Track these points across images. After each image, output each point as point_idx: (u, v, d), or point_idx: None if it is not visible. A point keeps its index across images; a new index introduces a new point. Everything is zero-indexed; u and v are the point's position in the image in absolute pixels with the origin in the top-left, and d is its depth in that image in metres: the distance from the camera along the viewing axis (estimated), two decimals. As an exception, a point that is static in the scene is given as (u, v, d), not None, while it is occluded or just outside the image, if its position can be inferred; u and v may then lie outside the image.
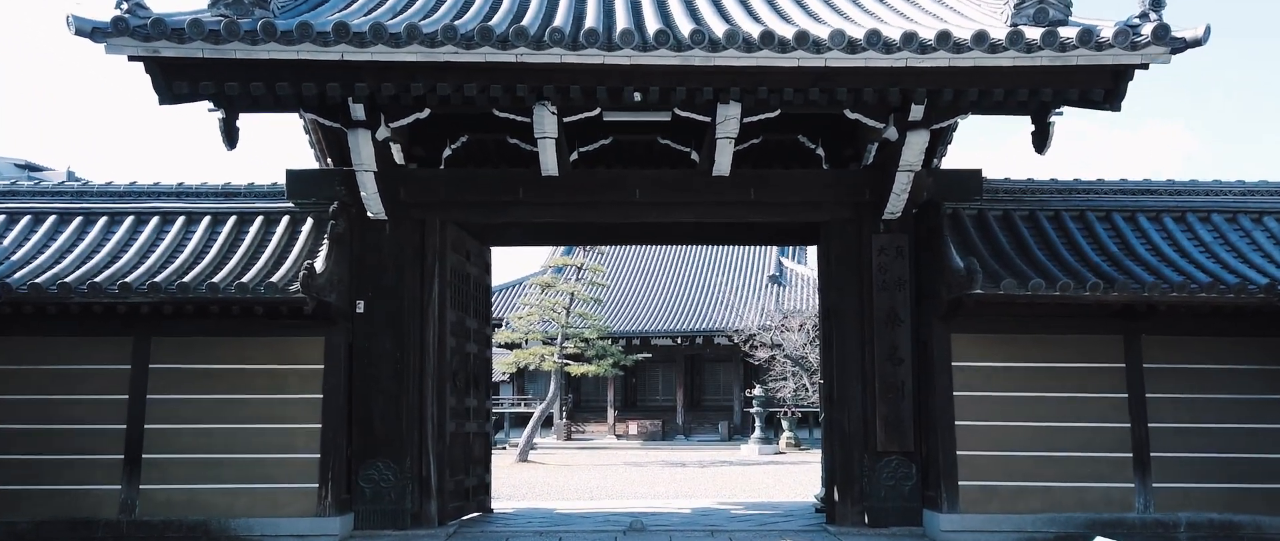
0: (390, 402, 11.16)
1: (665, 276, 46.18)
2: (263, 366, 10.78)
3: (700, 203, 11.51)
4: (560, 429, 43.17)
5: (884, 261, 11.30)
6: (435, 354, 11.46)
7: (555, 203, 11.50)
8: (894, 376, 11.19)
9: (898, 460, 11.17)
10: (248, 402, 10.73)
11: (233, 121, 10.32)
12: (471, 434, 12.69)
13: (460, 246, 12.38)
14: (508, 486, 22.21)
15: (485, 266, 13.54)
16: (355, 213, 11.22)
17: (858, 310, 11.44)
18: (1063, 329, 10.83)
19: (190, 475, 10.61)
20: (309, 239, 11.15)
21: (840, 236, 11.59)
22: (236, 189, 11.74)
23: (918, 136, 10.32)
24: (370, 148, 10.43)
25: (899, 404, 11.18)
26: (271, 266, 10.65)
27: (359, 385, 11.16)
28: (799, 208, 11.67)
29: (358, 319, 11.21)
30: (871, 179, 11.38)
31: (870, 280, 11.32)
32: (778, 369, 37.38)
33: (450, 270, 11.84)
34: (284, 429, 10.71)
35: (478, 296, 13.14)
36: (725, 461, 31.01)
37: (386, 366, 11.18)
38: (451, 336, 11.85)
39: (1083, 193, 11.68)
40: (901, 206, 11.08)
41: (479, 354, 13.05)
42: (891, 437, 11.17)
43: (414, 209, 11.42)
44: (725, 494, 19.47)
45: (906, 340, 11.21)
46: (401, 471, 11.09)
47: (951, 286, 10.35)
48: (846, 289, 11.52)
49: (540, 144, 10.62)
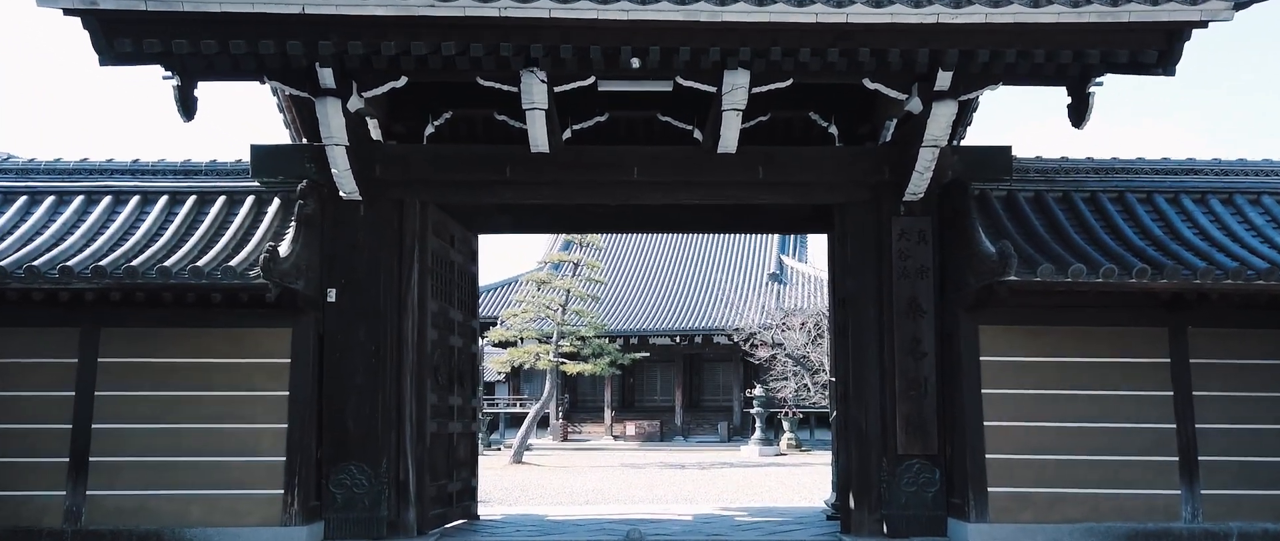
0: (364, 400, 10.12)
1: (663, 274, 45.16)
2: (223, 360, 9.74)
3: (704, 183, 10.47)
4: (556, 429, 42.16)
5: (905, 247, 10.26)
6: (415, 347, 10.42)
7: (546, 182, 10.47)
8: (916, 372, 10.16)
9: (920, 464, 10.13)
10: (206, 400, 9.68)
11: (189, 90, 9.28)
12: (456, 434, 11.64)
13: (443, 231, 11.34)
14: (500, 489, 21.16)
15: (471, 254, 12.49)
16: (327, 192, 10.18)
17: (876, 300, 10.41)
18: (1101, 320, 9.80)
19: (142, 480, 9.56)
20: (275, 221, 10.10)
21: (856, 220, 10.55)
22: (197, 167, 10.68)
23: (944, 108, 9.29)
24: (340, 119, 9.39)
25: (921, 402, 10.14)
26: (232, 250, 9.61)
27: (330, 381, 10.12)
28: (811, 188, 10.63)
29: (329, 308, 10.17)
30: (891, 157, 10.34)
31: (889, 267, 10.28)
32: (779, 368, 36.39)
33: (432, 256, 10.79)
34: (246, 429, 9.67)
35: (463, 286, 12.09)
36: (725, 463, 30.01)
37: (360, 360, 10.14)
38: (433, 328, 10.81)
39: (1121, 172, 10.64)
40: (924, 186, 10.04)
41: (464, 348, 12.01)
42: (913, 439, 10.13)
43: (391, 188, 10.37)
44: (727, 498, 18.43)
45: (929, 332, 10.17)
46: (377, 475, 10.05)
47: (981, 273, 9.31)
48: (863, 277, 10.48)
49: (529, 116, 9.58)
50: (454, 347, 11.59)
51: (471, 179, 10.41)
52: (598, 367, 32.03)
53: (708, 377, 43.68)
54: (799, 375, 35.66)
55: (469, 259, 12.38)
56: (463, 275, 12.09)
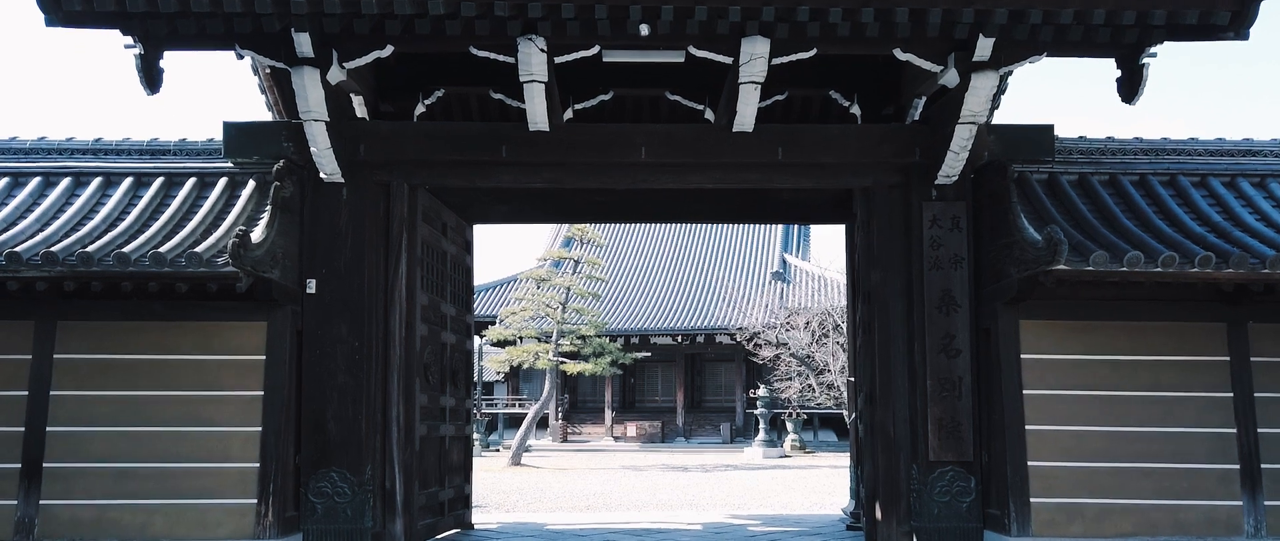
0: (347, 400, 9.20)
1: (665, 273, 44.25)
2: (191, 357, 8.82)
3: (719, 164, 9.55)
4: (556, 430, 41.26)
5: (937, 234, 9.35)
6: (402, 343, 9.50)
7: (546, 164, 9.55)
8: (949, 371, 9.24)
9: (954, 471, 9.21)
10: (173, 401, 8.76)
11: (153, 59, 8.40)
12: (448, 437, 10.72)
13: (434, 218, 10.42)
14: (498, 493, 20.23)
15: (465, 245, 11.57)
16: (307, 175, 9.27)
17: (904, 292, 9.50)
18: (1154, 314, 8.88)
19: (101, 488, 8.63)
20: (249, 205, 9.18)
21: (883, 205, 9.64)
22: (164, 146, 9.75)
23: (984, 80, 8.38)
24: (319, 92, 8.46)
25: (955, 404, 9.23)
26: (199, 235, 8.68)
27: (309, 380, 9.20)
28: (834, 171, 9.72)
29: (308, 301, 9.25)
30: (922, 136, 9.43)
31: (920, 257, 9.37)
32: (783, 368, 35.50)
33: (421, 245, 9.88)
34: (216, 432, 8.75)
35: (456, 279, 11.17)
36: (729, 465, 29.10)
37: (342, 357, 9.22)
38: (423, 323, 9.90)
39: (1173, 154, 9.72)
40: (959, 167, 9.13)
41: (457, 345, 11.09)
42: (946, 444, 9.21)
43: (377, 170, 9.46)
44: (735, 504, 17.50)
45: (964, 328, 9.26)
46: (360, 483, 9.13)
47: (1024, 262, 8.39)
48: (891, 268, 9.57)
49: (527, 91, 8.66)
50: (446, 344, 10.67)
51: (465, 159, 9.48)
52: (598, 367, 31.12)
53: (709, 378, 42.81)
54: (803, 375, 34.77)
55: (463, 250, 11.47)
56: (456, 267, 11.17)
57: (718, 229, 46.72)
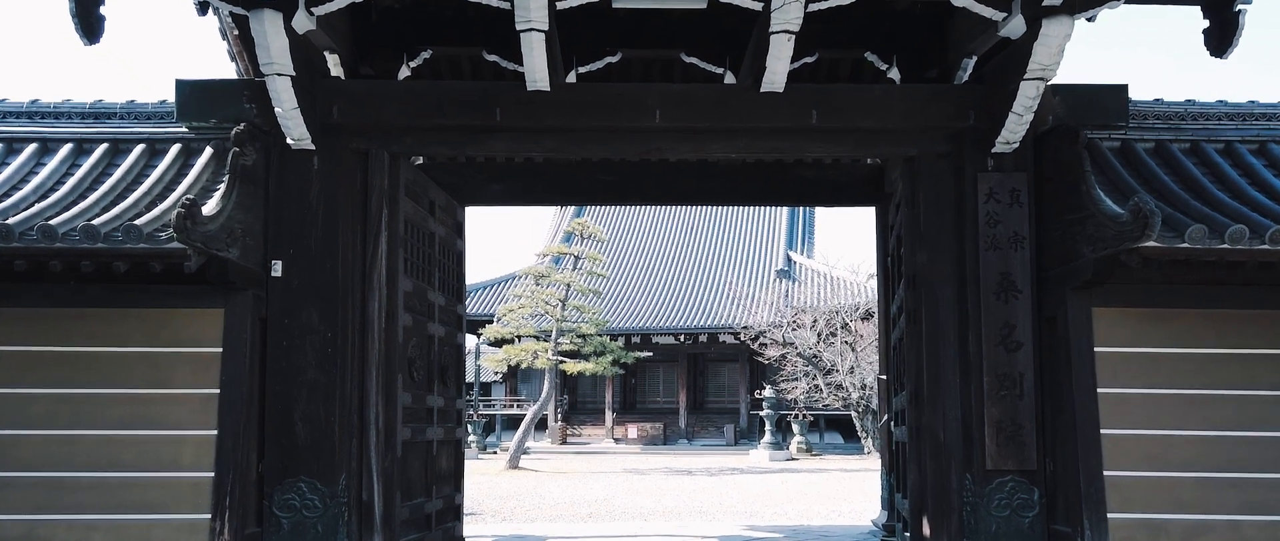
0: (318, 400, 7.94)
1: (667, 271, 43.01)
2: (136, 350, 7.56)
3: (744, 130, 8.30)
4: (555, 432, 40.02)
5: (994, 210, 8.09)
6: (382, 335, 8.25)
7: (546, 130, 8.31)
8: (1008, 367, 7.99)
9: (1014, 482, 7.96)
10: (114, 400, 7.51)
11: (91, 3, 7.15)
12: (435, 442, 9.46)
13: (421, 194, 9.18)
14: (494, 498, 19.00)
15: (456, 228, 10.32)
16: (273, 141, 8.02)
17: (955, 276, 8.25)
18: (1250, 301, 7.61)
19: (31, 501, 7.37)
20: (205, 174, 7.92)
21: (931, 177, 8.39)
22: (109, 109, 8.48)
23: (1057, 26, 7.12)
24: (283, 40, 7.21)
25: (1016, 404, 7.97)
26: (143, 208, 7.43)
27: (274, 376, 7.94)
28: (874, 138, 8.48)
29: (273, 285, 7.99)
30: (977, 98, 8.18)
31: (974, 236, 8.12)
32: (788, 368, 34.27)
33: (405, 223, 8.63)
34: (165, 436, 7.49)
35: (446, 264, 9.92)
36: (735, 468, 27.87)
37: (313, 350, 7.96)
38: (406, 312, 8.64)
39: (1263, 118, 8.48)
40: (1022, 132, 7.89)
41: (447, 338, 9.83)
42: (1006, 451, 7.96)
43: (353, 137, 8.20)
44: (748, 511, 16.26)
45: (1026, 317, 8.01)
46: (333, 494, 7.87)
47: (1102, 240, 7.15)
48: (940, 249, 8.32)
49: (524, 42, 7.40)
50: (433, 337, 9.42)
51: (453, 124, 8.22)
52: (599, 366, 29.87)
53: (712, 378, 41.58)
54: (810, 375, 33.55)
55: (454, 232, 10.21)
56: (446, 251, 9.92)
57: (721, 226, 45.50)
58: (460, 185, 10.69)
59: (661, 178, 10.98)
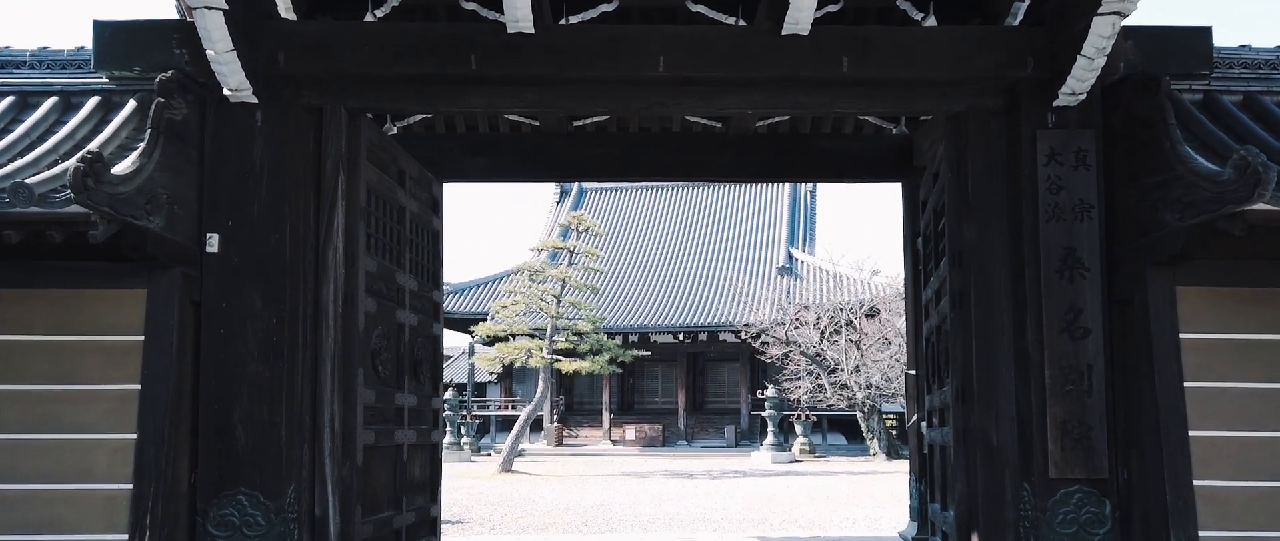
0: (261, 398, 6.67)
1: (665, 267, 41.75)
2: (38, 338, 6.31)
3: (764, 81, 7.04)
4: (550, 433, 38.76)
5: (1056, 174, 6.83)
6: (338, 321, 6.99)
7: (530, 81, 7.05)
8: (1074, 358, 6.73)
9: (1082, 493, 6.69)
10: (12, 399, 6.24)
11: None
12: (406, 446, 8.19)
13: (388, 161, 7.92)
14: (484, 504, 17.74)
15: (432, 203, 9.07)
16: (210, 94, 6.75)
17: (1009, 252, 7.01)
18: (1364, 279, 6.39)
19: (-89, 519, 6.12)
20: (125, 131, 6.65)
21: (981, 137, 7.14)
22: (17, 57, 7.17)
23: (1139, -52, 5.90)
24: (212, -36, 5.96)
25: (1083, 402, 6.71)
26: (44, 168, 6.14)
27: (209, 370, 6.67)
28: (914, 93, 7.23)
29: (209, 263, 6.72)
30: (1036, 42, 6.92)
31: (1033, 205, 6.85)
32: (791, 368, 33.06)
33: (368, 193, 7.37)
34: (73, 442, 6.22)
35: (419, 243, 8.66)
36: (737, 471, 26.62)
37: (255, 339, 6.69)
38: (369, 297, 7.38)
39: (1369, 66, 7.23)
40: (1091, 80, 6.62)
41: (420, 328, 8.57)
42: (1071, 456, 6.70)
43: (305, 89, 6.93)
44: (756, 519, 14.99)
45: (1094, 300, 6.75)
46: (279, 509, 6.61)
47: (1195, 204, 5.89)
48: (991, 221, 7.07)
49: (504, -28, 6.15)
50: (404, 326, 8.15)
51: (422, 73, 6.94)
52: (595, 365, 28.59)
53: (712, 378, 40.35)
54: (814, 375, 32.34)
55: (428, 208, 8.95)
56: (419, 228, 8.65)
57: (720, 221, 44.29)
58: (438, 158, 9.45)
59: (664, 150, 9.77)
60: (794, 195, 43.91)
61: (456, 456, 30.85)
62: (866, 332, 32.06)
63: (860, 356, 31.32)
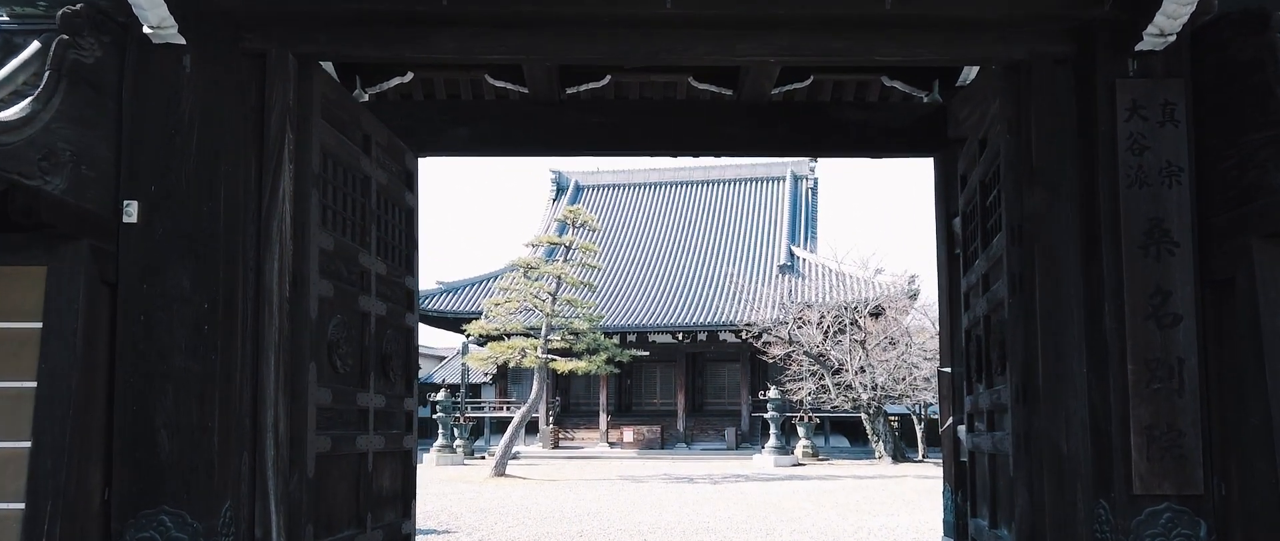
0: (190, 398, 5.51)
1: (664, 265, 40.62)
2: (-87, 323, 5.16)
3: (786, 20, 5.88)
4: (546, 435, 37.63)
5: (1139, 131, 5.69)
6: (284, 307, 5.83)
7: (511, 20, 5.90)
8: (1163, 349, 5.58)
9: (1172, 511, 5.55)
10: (-119, 397, 5.10)
11: None
12: (372, 454, 7.01)
13: (347, 121, 6.76)
14: (474, 511, 16.58)
15: (405, 177, 7.91)
16: (131, 35, 5.61)
17: (1081, 226, 5.87)
18: None
19: None
20: (22, 76, 5.49)
21: (1047, 88, 6.00)
22: (-99, -11, 6.05)
23: None
24: None
25: (1173, 402, 5.56)
26: (-86, 113, 4.99)
27: (128, 364, 5.52)
28: (967, 36, 6.07)
29: (128, 235, 5.57)
30: (1114, -25, 5.79)
31: (1110, 169, 5.71)
32: (794, 368, 31.94)
33: (325, 158, 6.23)
34: (-45, 450, 5.07)
35: (389, 221, 7.50)
36: (739, 475, 25.50)
37: (183, 327, 5.54)
38: (325, 279, 6.23)
39: None
40: (1184, 17, 5.48)
41: (391, 317, 7.40)
42: (1160, 468, 5.55)
43: (244, 31, 5.78)
44: (762, 528, 13.83)
45: (1186, 280, 5.61)
46: (210, 530, 5.45)
47: (1322, 159, 4.76)
48: (1059, 187, 5.93)
49: (479, -118, 5.00)
50: (369, 315, 6.98)
51: (384, 9, 5.80)
52: (592, 365, 27.44)
53: (712, 379, 39.21)
54: (817, 375, 31.22)
55: (401, 182, 7.79)
56: (388, 204, 7.49)
57: (720, 220, 43.17)
58: (415, 128, 8.33)
59: (667, 120, 8.63)
60: (795, 192, 42.83)
61: (449, 459, 29.71)
62: (871, 332, 30.95)
63: (865, 356, 30.21)
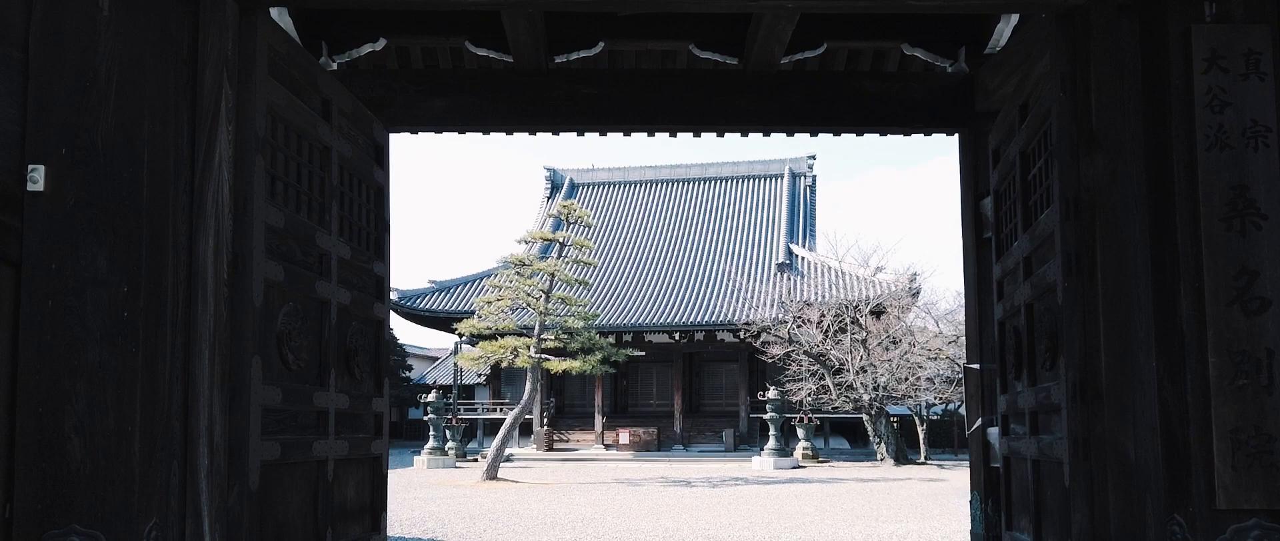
0: (106, 397, 4.64)
1: (660, 263, 39.78)
2: None
3: (808, -44, 5.06)
4: (540, 437, 36.76)
5: (1219, 85, 4.85)
6: (221, 291, 4.96)
7: (487, -42, 5.06)
8: (1249, 339, 4.75)
9: (1261, 528, 4.71)
10: None
11: None
12: (333, 462, 6.15)
13: (301, 82, 5.89)
14: (462, 518, 15.72)
15: (372, 151, 7.04)
16: (40, -26, 4.75)
17: (1146, 195, 5.03)
18: None
19: None
20: (-95, 14, 4.62)
21: (1108, 39, 5.16)
22: None
23: None
24: None
25: (1262, 401, 4.73)
26: None
27: (32, 358, 4.64)
28: (1015, -22, 5.26)
29: (33, 207, 4.70)
30: (1188, -99, 4.95)
31: (1185, 129, 4.88)
32: (793, 368, 31.12)
33: (272, 119, 5.37)
34: None
35: (353, 198, 6.65)
36: (738, 478, 24.66)
37: (98, 315, 4.67)
38: (274, 261, 5.36)
39: None
40: (1276, -50, 4.66)
41: (356, 307, 6.54)
42: (1247, 477, 4.71)
43: (174, -31, 4.93)
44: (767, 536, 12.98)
45: (1277, 258, 4.77)
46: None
47: None
48: (1123, 151, 5.08)
49: None
50: (329, 303, 6.11)
51: (334, -57, 4.96)
52: (587, 365, 26.57)
53: (709, 379, 38.38)
54: (818, 375, 30.40)
55: (368, 156, 6.92)
56: (352, 180, 6.63)
57: (718, 217, 42.36)
58: (387, 99, 7.56)
59: (665, 92, 7.81)
60: (793, 189, 42.04)
61: (440, 462, 28.84)
62: (872, 331, 30.14)
63: (866, 356, 29.39)
